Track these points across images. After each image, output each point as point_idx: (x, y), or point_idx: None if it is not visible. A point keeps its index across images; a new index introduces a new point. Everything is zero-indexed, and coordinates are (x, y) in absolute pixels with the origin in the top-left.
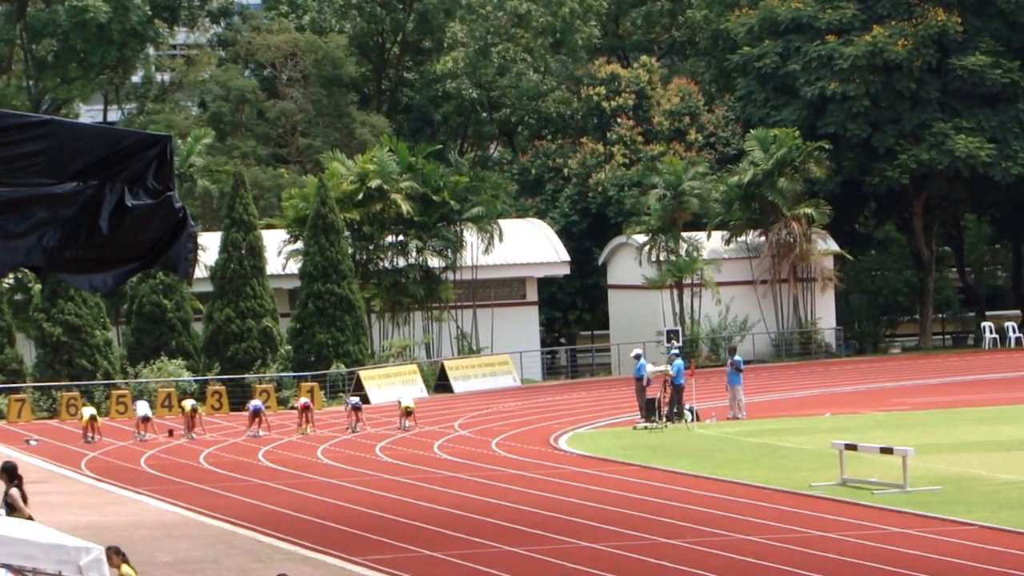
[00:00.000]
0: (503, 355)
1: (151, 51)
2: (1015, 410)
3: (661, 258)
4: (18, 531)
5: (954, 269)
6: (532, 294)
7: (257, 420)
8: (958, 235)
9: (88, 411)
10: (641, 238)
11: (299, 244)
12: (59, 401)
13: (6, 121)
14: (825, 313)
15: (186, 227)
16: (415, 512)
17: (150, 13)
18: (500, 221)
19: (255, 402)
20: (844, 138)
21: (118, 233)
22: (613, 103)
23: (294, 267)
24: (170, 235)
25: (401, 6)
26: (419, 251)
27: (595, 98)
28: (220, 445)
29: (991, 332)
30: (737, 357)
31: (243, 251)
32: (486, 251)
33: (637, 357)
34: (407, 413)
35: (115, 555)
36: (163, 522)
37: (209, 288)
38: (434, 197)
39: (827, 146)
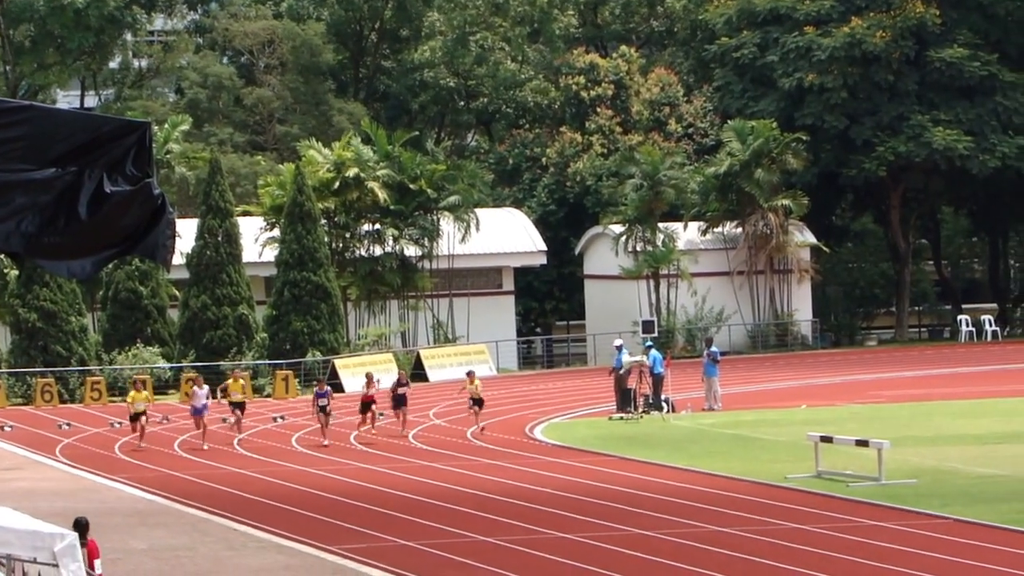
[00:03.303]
0: (479, 344)
1: (128, 37)
2: (991, 403)
3: (638, 248)
4: None
5: (931, 262)
6: (508, 283)
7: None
8: (935, 228)
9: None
10: (618, 228)
11: (275, 232)
12: (34, 387)
13: None
14: (801, 305)
15: (164, 214)
16: (390, 501)
17: None
18: (477, 210)
19: (322, 389)
20: (822, 129)
21: (96, 219)
22: (591, 93)
23: (270, 255)
24: (148, 222)
25: None
26: (395, 240)
27: (573, 87)
28: (195, 432)
29: (967, 325)
30: (713, 348)
31: (219, 238)
32: (463, 240)
33: (619, 348)
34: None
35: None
36: (138, 509)
37: (185, 275)
38: (411, 186)
39: (804, 137)
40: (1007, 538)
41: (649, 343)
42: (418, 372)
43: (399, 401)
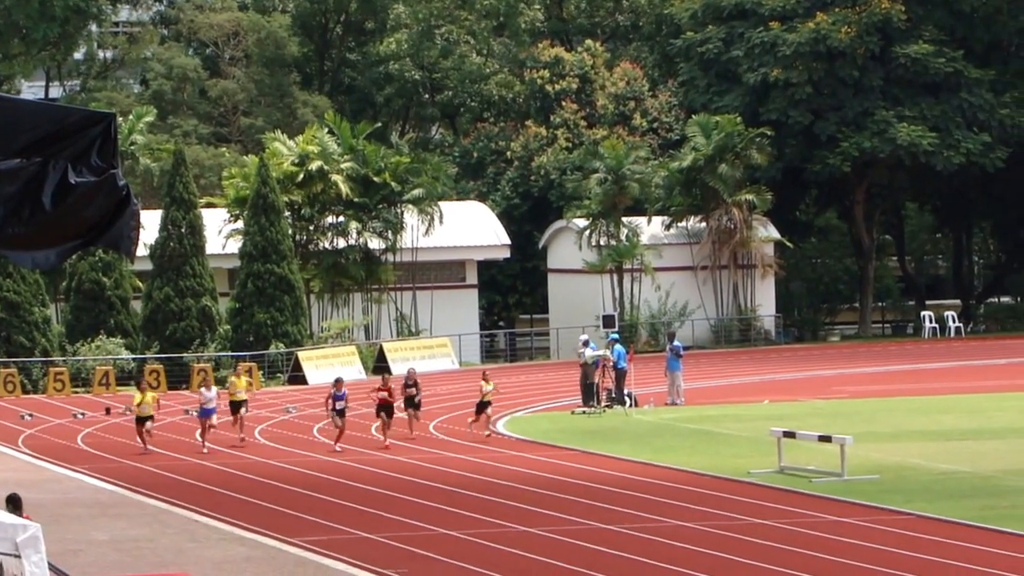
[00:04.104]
0: (442, 338)
1: (94, 28)
2: (954, 399)
3: (601, 243)
4: None
5: (895, 258)
6: (472, 277)
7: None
8: (899, 224)
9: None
10: (582, 222)
11: (239, 224)
12: None
13: None
14: (765, 300)
15: (129, 205)
16: (351, 493)
17: None
18: (441, 203)
19: (339, 390)
20: (786, 125)
21: (61, 210)
22: (556, 87)
23: (234, 247)
24: (113, 213)
25: None
26: (359, 232)
27: (538, 81)
28: (157, 424)
29: (931, 321)
30: (677, 343)
31: (183, 230)
32: (426, 233)
33: (585, 343)
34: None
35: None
36: (99, 500)
37: (148, 266)
38: (375, 178)
39: (769, 132)
40: (969, 534)
41: (614, 337)
42: (381, 365)
43: (408, 402)
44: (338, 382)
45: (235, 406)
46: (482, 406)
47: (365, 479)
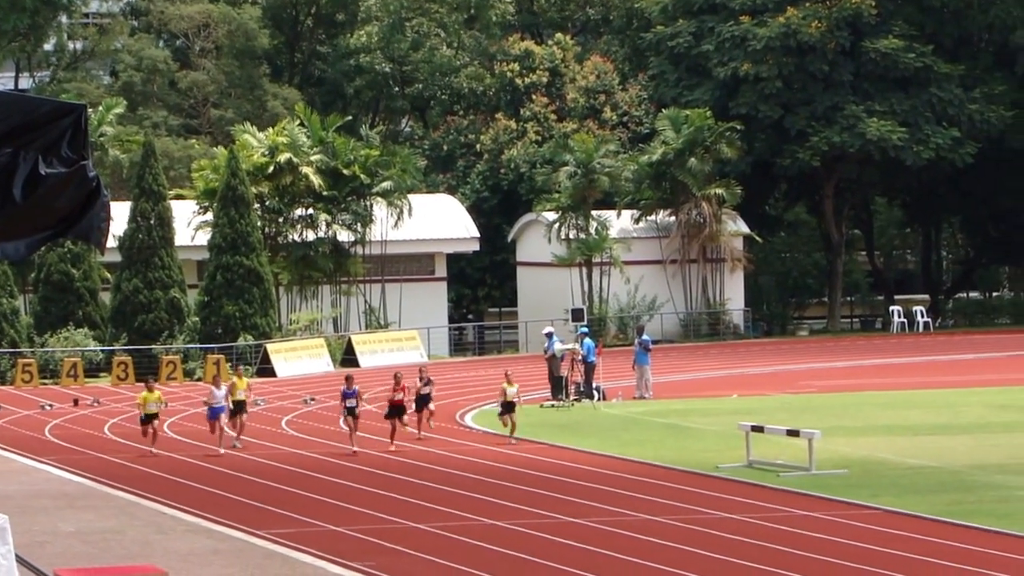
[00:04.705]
0: (410, 330)
1: (64, 19)
2: (922, 394)
3: (571, 236)
4: None
5: (864, 252)
6: (441, 270)
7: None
8: (868, 218)
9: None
10: (551, 216)
11: (208, 216)
12: None
13: None
14: (734, 294)
15: (99, 196)
16: (319, 486)
17: None
18: (410, 196)
19: (350, 388)
20: (756, 119)
21: (31, 201)
22: (526, 80)
23: (203, 238)
24: (83, 204)
25: None
26: (328, 225)
27: (508, 74)
28: (125, 416)
29: (899, 316)
30: (645, 336)
31: (152, 221)
32: (396, 226)
33: (549, 336)
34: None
35: None
36: (66, 492)
37: (117, 258)
38: (344, 171)
39: (739, 127)
40: (936, 529)
41: (584, 330)
42: (349, 358)
43: (423, 401)
44: (349, 380)
45: (236, 407)
46: (507, 407)
47: (333, 472)
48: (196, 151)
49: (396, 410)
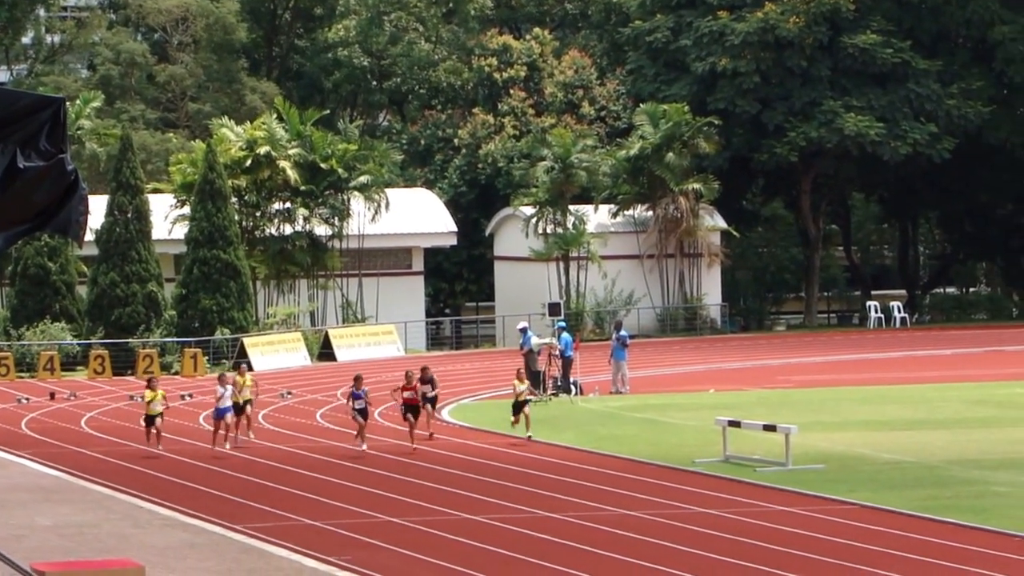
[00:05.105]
0: (387, 325)
1: (41, 12)
2: (899, 390)
3: (548, 230)
4: None
5: (841, 248)
6: (418, 264)
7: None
8: (845, 214)
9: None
10: (529, 210)
11: (186, 209)
12: None
13: None
14: (711, 289)
15: (77, 189)
16: (295, 481)
17: None
18: (388, 190)
19: (359, 389)
20: (734, 114)
21: (9, 195)
22: (504, 74)
23: (180, 232)
24: (61, 197)
25: None
26: (306, 219)
27: (486, 69)
28: (102, 409)
29: (876, 311)
30: (623, 332)
31: (129, 215)
32: (373, 220)
33: (523, 330)
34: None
35: None
36: (42, 485)
37: (94, 252)
38: (322, 165)
39: (716, 122)
40: (913, 524)
41: (561, 325)
42: (326, 351)
43: (424, 402)
44: (358, 380)
45: (239, 407)
46: (518, 406)
47: (309, 466)
48: (174, 145)
49: (411, 408)
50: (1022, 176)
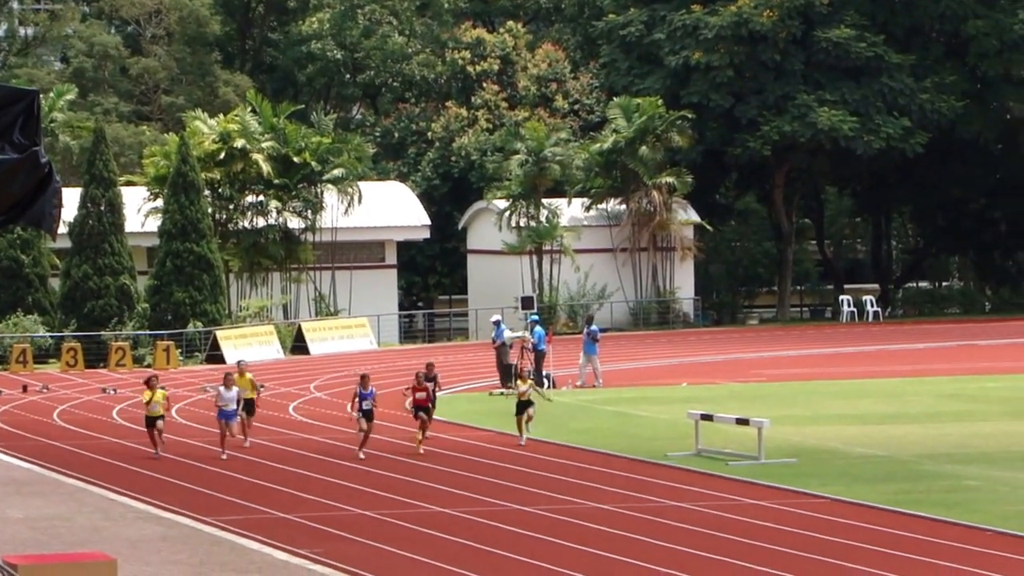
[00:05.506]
0: (360, 318)
1: (15, 4)
2: (871, 384)
3: (521, 224)
4: None
5: (814, 242)
6: (391, 257)
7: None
8: (818, 208)
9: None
10: (502, 203)
11: (159, 202)
12: None
13: None
14: (684, 283)
15: (51, 182)
16: (266, 473)
17: None
18: (361, 184)
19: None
20: (707, 108)
21: None
22: (478, 68)
23: (153, 225)
24: (35, 190)
25: None
26: (279, 212)
27: (460, 62)
28: (74, 402)
29: (849, 305)
30: (594, 327)
31: (102, 208)
32: (346, 213)
33: (496, 323)
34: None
35: None
36: (15, 478)
37: (67, 244)
38: (295, 158)
39: (690, 115)
40: (885, 518)
41: (534, 318)
42: (299, 345)
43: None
44: (364, 379)
45: (250, 406)
46: (521, 407)
47: (281, 459)
48: (147, 138)
49: (422, 409)
50: (995, 171)
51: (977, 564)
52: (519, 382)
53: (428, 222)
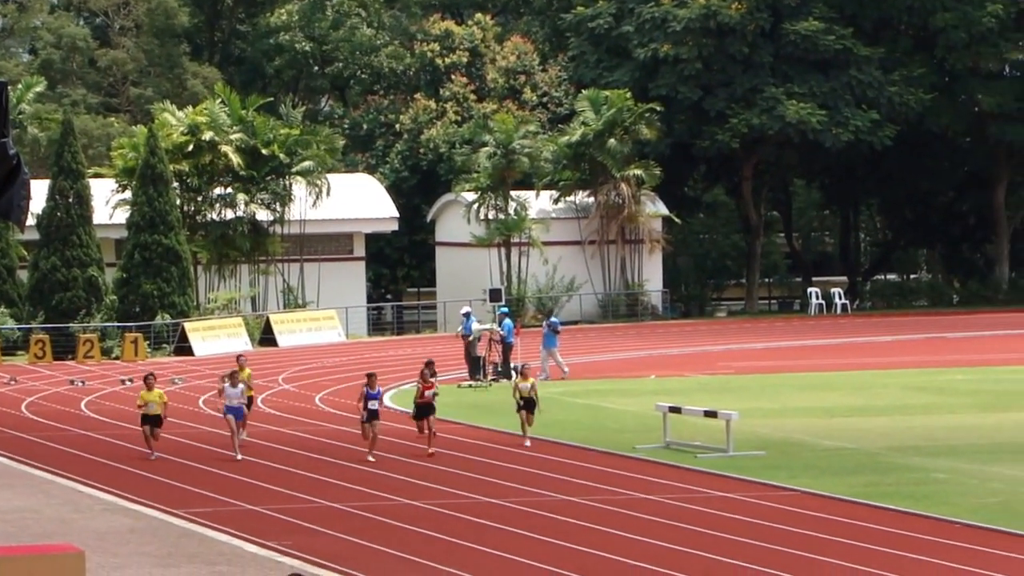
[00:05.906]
0: (329, 310)
1: None
2: (839, 376)
3: (490, 216)
4: None
5: (782, 234)
6: (360, 249)
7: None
8: (787, 200)
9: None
10: (470, 196)
11: (127, 194)
12: None
13: None
14: (652, 275)
15: (19, 174)
16: (236, 466)
17: None
18: (329, 176)
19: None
20: (675, 100)
21: None
22: (447, 60)
23: (121, 217)
24: (3, 182)
25: None
26: (247, 204)
27: (429, 54)
28: (42, 394)
29: (817, 298)
30: (553, 319)
31: (70, 200)
32: (314, 205)
33: (466, 316)
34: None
35: None
36: None
37: (35, 236)
38: (264, 150)
39: (658, 108)
40: (853, 510)
41: (504, 310)
42: (267, 337)
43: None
44: (371, 378)
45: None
46: (528, 404)
47: (249, 451)
48: (115, 129)
49: (424, 410)
50: (963, 164)
51: (945, 556)
52: (519, 380)
53: (396, 214)
